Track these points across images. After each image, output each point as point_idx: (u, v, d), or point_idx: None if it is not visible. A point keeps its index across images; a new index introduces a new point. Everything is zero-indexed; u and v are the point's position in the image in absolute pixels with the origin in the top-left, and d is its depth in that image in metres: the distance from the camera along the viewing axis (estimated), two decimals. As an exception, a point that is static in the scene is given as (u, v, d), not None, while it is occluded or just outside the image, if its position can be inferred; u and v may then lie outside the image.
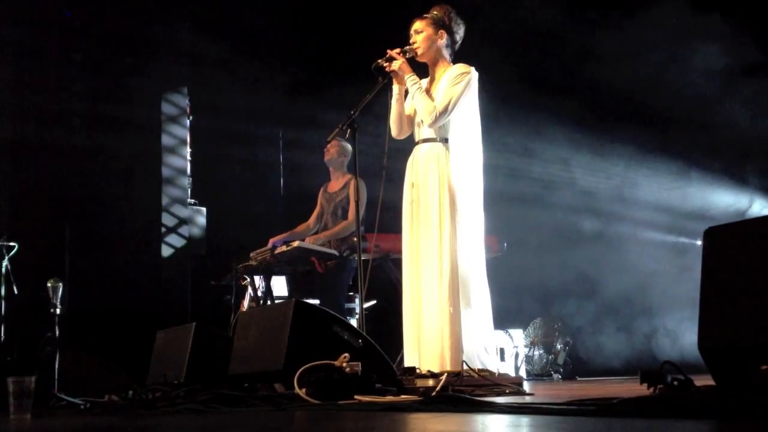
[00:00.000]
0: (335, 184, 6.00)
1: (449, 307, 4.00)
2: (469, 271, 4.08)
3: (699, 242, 7.12)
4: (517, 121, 7.52)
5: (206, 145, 8.17)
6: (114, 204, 7.57)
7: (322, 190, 6.09)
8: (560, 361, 7.67)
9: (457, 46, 4.35)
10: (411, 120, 4.37)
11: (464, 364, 3.81)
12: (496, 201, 7.43)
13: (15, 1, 7.41)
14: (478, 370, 3.87)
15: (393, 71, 4.25)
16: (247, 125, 8.09)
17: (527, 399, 3.40)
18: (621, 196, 8.18)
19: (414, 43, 4.28)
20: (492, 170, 4.43)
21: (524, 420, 2.20)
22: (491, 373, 3.95)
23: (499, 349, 6.79)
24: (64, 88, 7.46)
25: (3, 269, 6.21)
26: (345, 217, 5.79)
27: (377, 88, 4.29)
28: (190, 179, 7.99)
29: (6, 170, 7.27)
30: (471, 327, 4.04)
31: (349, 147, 5.94)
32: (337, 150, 5.97)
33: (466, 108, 4.19)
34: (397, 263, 5.12)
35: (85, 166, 7.49)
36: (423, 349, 4.08)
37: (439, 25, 4.27)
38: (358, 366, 3.21)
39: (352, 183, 5.80)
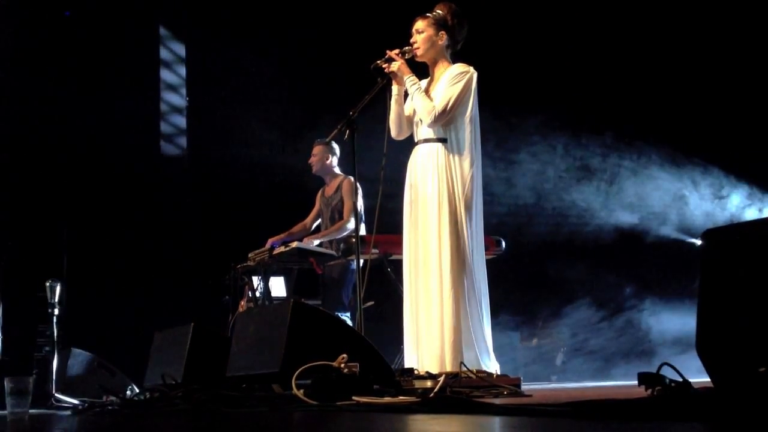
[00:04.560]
0: (330, 188, 6.00)
1: (449, 308, 4.00)
2: (468, 271, 4.07)
3: (699, 242, 7.14)
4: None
5: (206, 149, 8.18)
6: (112, 204, 7.57)
7: (320, 192, 6.09)
8: (558, 362, 7.67)
9: (458, 46, 4.33)
10: (410, 121, 4.36)
11: (462, 365, 3.81)
12: (496, 201, 7.48)
13: (14, 2, 7.41)
14: (476, 371, 3.87)
15: (392, 72, 4.25)
16: (246, 125, 8.10)
17: (525, 400, 3.40)
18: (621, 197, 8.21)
19: (414, 42, 4.27)
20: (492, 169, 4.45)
21: (521, 422, 2.20)
22: (489, 375, 3.94)
23: (498, 351, 6.78)
24: (64, 90, 7.46)
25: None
26: (341, 219, 5.80)
27: (376, 89, 4.29)
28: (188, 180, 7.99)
29: (3, 170, 7.26)
30: (470, 328, 4.04)
31: (333, 148, 5.92)
32: (319, 158, 5.96)
33: (465, 108, 4.18)
34: (396, 264, 5.12)
35: (84, 166, 7.49)
36: (422, 349, 4.07)
37: (440, 25, 4.25)
38: (356, 367, 3.20)
39: (344, 184, 5.80)
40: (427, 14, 4.28)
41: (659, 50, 7.57)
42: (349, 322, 5.25)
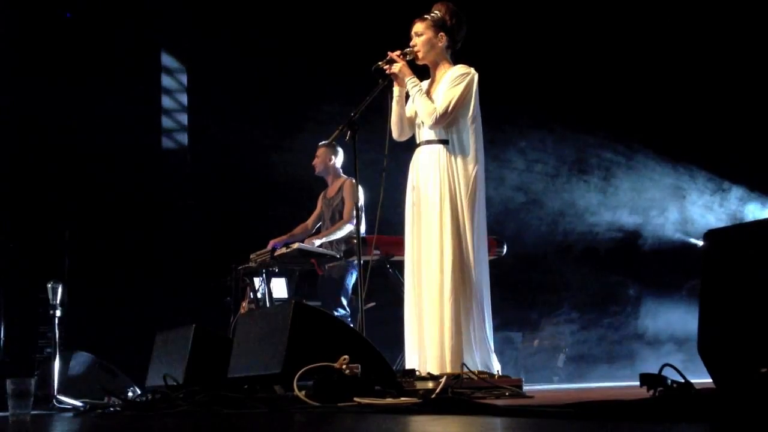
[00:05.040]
0: (332, 189, 6.02)
1: (450, 309, 3.99)
2: (470, 272, 4.07)
3: (700, 243, 7.16)
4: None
5: (207, 151, 8.19)
6: (114, 206, 7.57)
7: (322, 194, 6.11)
8: (560, 363, 7.66)
9: (458, 45, 4.33)
10: (412, 122, 4.36)
11: (464, 366, 3.81)
12: (498, 202, 7.49)
13: (15, 2, 7.42)
14: (478, 372, 3.87)
15: (393, 74, 4.24)
16: (248, 126, 8.10)
17: (527, 402, 3.40)
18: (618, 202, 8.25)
19: (414, 45, 4.27)
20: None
21: (524, 423, 2.20)
22: (491, 376, 3.94)
23: (499, 352, 6.79)
24: (65, 91, 7.46)
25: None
26: (342, 220, 5.81)
27: (377, 90, 4.28)
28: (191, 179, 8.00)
29: (5, 172, 7.27)
30: (472, 329, 4.03)
31: (336, 150, 5.94)
32: (322, 159, 5.98)
33: (467, 109, 4.18)
34: (397, 265, 5.12)
35: (85, 168, 7.50)
36: (424, 351, 4.07)
37: (439, 26, 4.25)
38: (357, 368, 3.20)
39: (346, 185, 5.82)
40: (425, 16, 4.27)
41: (654, 53, 7.59)
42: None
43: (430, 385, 3.61)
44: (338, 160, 6.01)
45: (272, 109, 8.00)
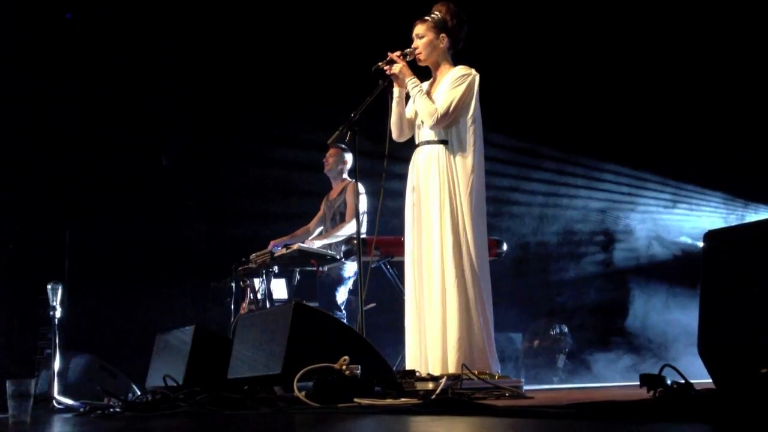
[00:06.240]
0: (334, 191, 6.03)
1: (451, 310, 3.99)
2: (470, 273, 4.06)
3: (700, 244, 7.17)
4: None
5: (208, 151, 8.18)
6: (114, 207, 7.57)
7: (325, 197, 6.12)
8: (560, 364, 7.66)
9: (460, 45, 4.32)
10: (411, 123, 4.36)
11: (464, 367, 3.81)
12: (498, 203, 7.49)
13: (15, 3, 7.42)
14: (478, 373, 3.86)
15: (393, 74, 4.24)
16: (248, 126, 8.10)
17: (527, 402, 3.40)
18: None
19: (416, 48, 4.27)
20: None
21: (523, 423, 2.19)
22: (491, 376, 3.94)
23: (500, 352, 6.78)
24: (66, 92, 7.46)
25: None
26: (343, 222, 5.82)
27: (378, 91, 4.28)
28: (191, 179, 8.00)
29: (6, 172, 7.27)
30: (472, 330, 4.03)
31: (348, 154, 5.96)
32: (335, 159, 6.00)
33: (467, 110, 4.17)
34: (397, 266, 5.12)
35: (86, 168, 7.50)
36: (425, 351, 4.07)
37: (440, 28, 4.24)
38: (357, 369, 3.20)
39: (349, 187, 5.83)
40: (426, 17, 4.26)
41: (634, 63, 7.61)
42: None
43: (430, 385, 3.61)
44: (349, 164, 6.02)
45: (272, 109, 8.00)
